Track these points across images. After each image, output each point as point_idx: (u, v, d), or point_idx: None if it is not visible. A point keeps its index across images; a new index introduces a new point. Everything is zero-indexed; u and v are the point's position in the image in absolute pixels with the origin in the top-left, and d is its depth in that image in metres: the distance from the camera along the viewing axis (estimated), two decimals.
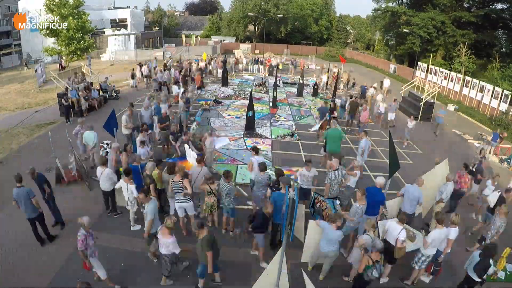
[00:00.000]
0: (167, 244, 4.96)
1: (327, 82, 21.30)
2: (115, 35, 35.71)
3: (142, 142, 8.05)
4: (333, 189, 6.67)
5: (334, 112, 12.28)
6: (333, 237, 5.14)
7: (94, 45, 29.03)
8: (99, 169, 6.72)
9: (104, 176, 6.61)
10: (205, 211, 6.40)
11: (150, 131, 9.82)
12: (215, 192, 6.16)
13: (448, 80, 22.17)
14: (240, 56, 30.24)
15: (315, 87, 19.21)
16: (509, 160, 11.49)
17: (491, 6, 28.85)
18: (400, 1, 35.67)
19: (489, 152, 12.03)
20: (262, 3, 42.68)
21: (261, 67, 26.80)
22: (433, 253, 5.37)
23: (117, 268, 5.71)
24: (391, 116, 13.80)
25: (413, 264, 5.52)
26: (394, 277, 5.83)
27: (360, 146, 9.04)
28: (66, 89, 14.06)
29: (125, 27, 39.70)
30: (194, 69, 21.39)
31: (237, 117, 14.26)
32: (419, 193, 6.21)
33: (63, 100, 12.76)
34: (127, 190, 6.29)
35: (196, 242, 4.97)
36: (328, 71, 22.56)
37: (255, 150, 7.42)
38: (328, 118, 11.48)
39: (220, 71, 22.25)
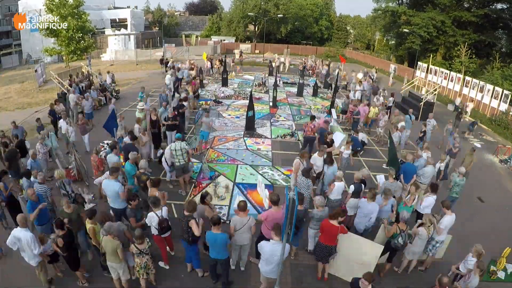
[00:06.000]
0: None
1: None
2: (115, 35, 35.76)
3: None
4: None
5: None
6: (368, 210, 5.77)
7: (94, 45, 29.02)
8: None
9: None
10: (138, 274, 5.08)
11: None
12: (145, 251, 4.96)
13: (448, 80, 22.18)
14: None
15: (315, 87, 19.22)
16: (508, 160, 11.48)
17: (491, 6, 28.82)
18: (400, 1, 35.65)
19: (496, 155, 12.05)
20: (262, 3, 42.64)
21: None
22: (443, 238, 5.78)
23: None
24: (381, 123, 12.12)
25: (427, 251, 5.79)
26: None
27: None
28: (64, 94, 13.38)
29: (125, 27, 39.73)
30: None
31: (237, 117, 14.28)
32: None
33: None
34: None
35: None
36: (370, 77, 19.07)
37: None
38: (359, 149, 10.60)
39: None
